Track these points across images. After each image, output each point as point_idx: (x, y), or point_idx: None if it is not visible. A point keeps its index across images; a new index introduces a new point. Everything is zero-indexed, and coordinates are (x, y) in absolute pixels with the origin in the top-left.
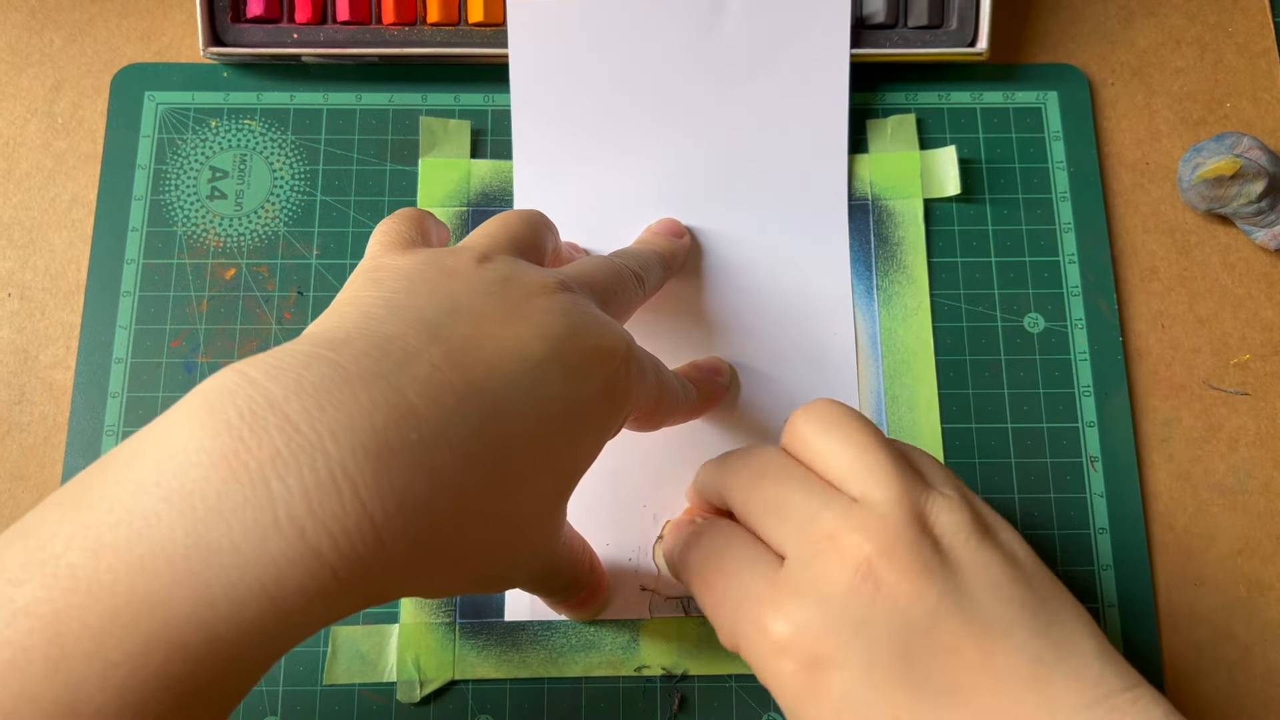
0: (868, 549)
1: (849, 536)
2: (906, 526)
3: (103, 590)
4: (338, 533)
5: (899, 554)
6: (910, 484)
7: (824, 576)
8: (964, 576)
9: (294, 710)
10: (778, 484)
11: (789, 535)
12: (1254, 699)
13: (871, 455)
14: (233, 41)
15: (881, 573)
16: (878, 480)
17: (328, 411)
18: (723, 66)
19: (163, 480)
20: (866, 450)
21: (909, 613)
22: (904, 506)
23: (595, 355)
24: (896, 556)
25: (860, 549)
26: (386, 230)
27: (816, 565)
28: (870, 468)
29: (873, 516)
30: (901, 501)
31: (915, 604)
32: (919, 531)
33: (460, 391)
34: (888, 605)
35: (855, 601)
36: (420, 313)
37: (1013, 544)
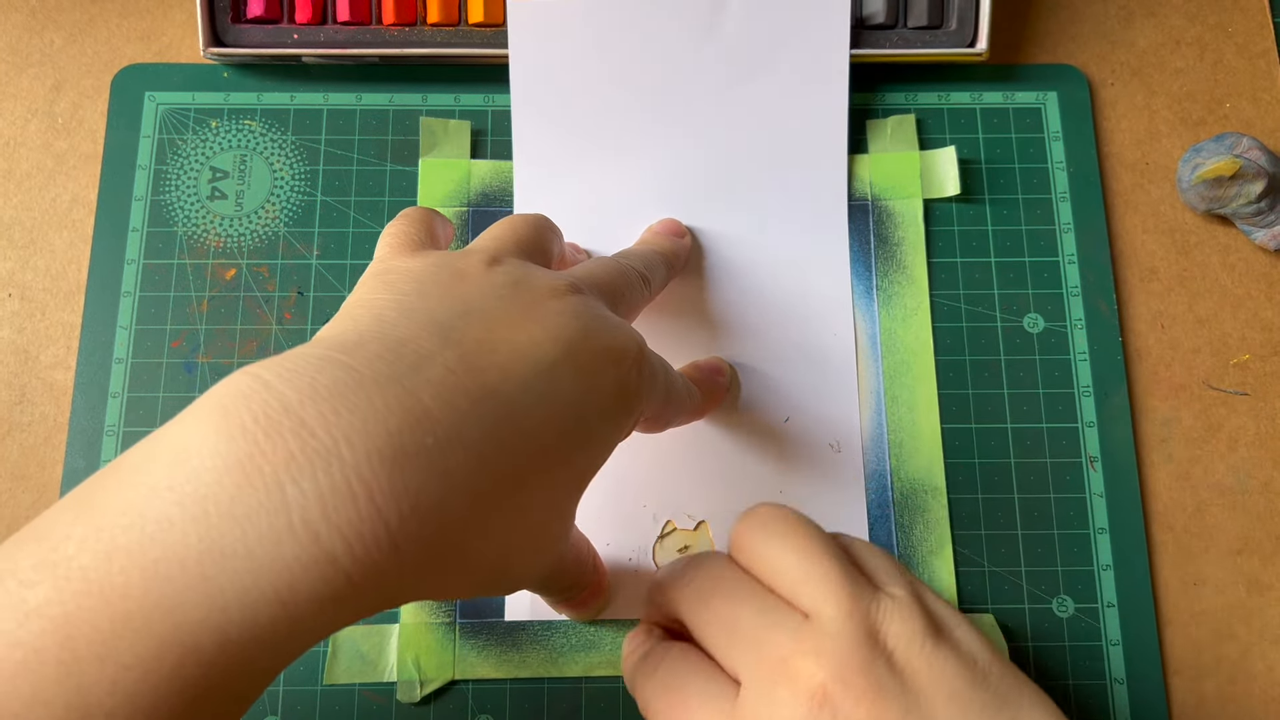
0: (821, 675)
1: (801, 662)
2: (859, 645)
3: (115, 593)
4: (352, 538)
5: (853, 678)
6: (858, 593)
7: (779, 707)
8: (920, 691)
9: (294, 710)
10: (727, 601)
11: (741, 659)
12: (1254, 699)
13: (817, 564)
14: (233, 42)
15: (837, 700)
16: (825, 593)
17: (342, 415)
18: (723, 66)
19: (176, 484)
20: (812, 558)
21: None
22: (854, 621)
23: (607, 357)
24: (851, 681)
25: (813, 676)
26: (395, 233)
27: (771, 696)
28: (817, 579)
29: (825, 637)
30: (851, 615)
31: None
32: (871, 648)
33: (474, 395)
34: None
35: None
36: (432, 315)
37: (968, 641)
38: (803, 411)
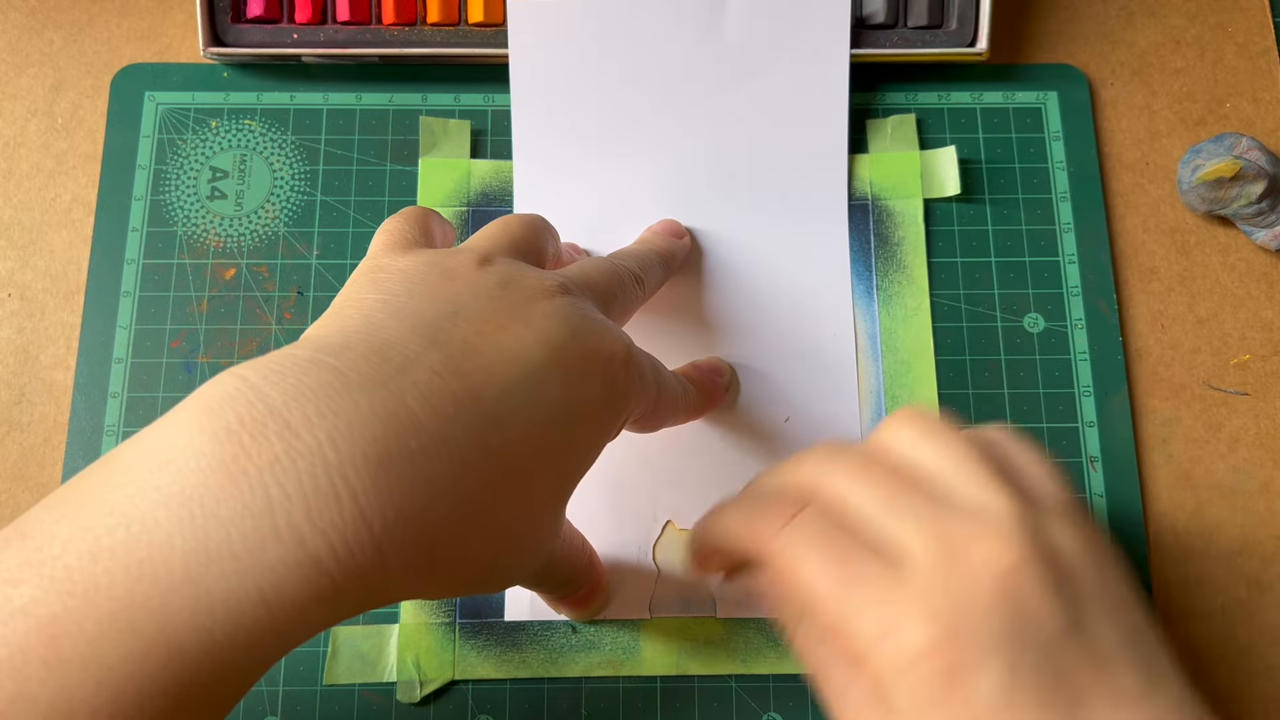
0: (1006, 560)
1: (982, 543)
2: (1035, 540)
3: (99, 594)
4: (336, 541)
5: (1034, 568)
6: (1025, 499)
7: (961, 581)
8: (1083, 599)
9: (294, 710)
10: (887, 482)
11: (909, 531)
12: (1254, 699)
13: (981, 467)
14: (233, 41)
15: (1021, 586)
16: (994, 494)
17: (327, 418)
18: (723, 66)
19: (162, 485)
20: (975, 461)
21: (1043, 628)
22: (1028, 523)
23: (594, 359)
24: (1032, 571)
25: (1001, 559)
26: (389, 230)
27: (950, 568)
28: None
29: (1001, 526)
30: (1024, 518)
31: (1049, 620)
32: (1044, 546)
33: (460, 398)
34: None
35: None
36: (421, 316)
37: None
38: (803, 411)
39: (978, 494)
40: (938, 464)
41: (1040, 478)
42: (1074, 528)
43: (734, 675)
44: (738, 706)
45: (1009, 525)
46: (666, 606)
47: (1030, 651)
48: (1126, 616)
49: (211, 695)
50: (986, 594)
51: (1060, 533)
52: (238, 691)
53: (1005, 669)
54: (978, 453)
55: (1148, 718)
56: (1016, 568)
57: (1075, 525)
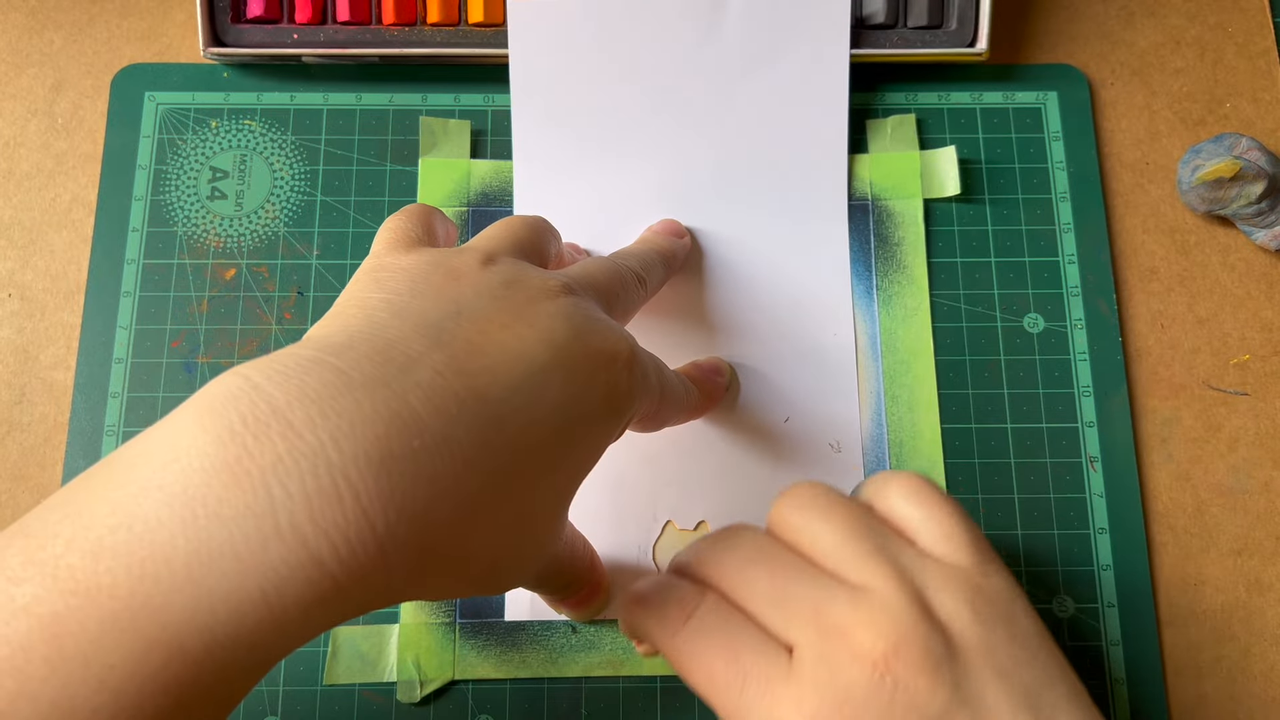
0: (882, 645)
1: (861, 631)
2: (915, 619)
3: (102, 593)
4: (339, 541)
5: (912, 650)
6: (904, 564)
7: (841, 673)
8: (970, 665)
9: (294, 710)
10: (773, 572)
11: (794, 626)
12: (1254, 699)
13: (861, 543)
14: (233, 42)
15: (898, 671)
16: (873, 569)
17: (330, 418)
18: (722, 67)
19: (165, 485)
20: (855, 536)
21: (925, 710)
22: (906, 595)
23: (598, 359)
24: (909, 653)
25: (875, 645)
26: (392, 228)
27: (831, 661)
28: (863, 555)
29: (881, 610)
30: (900, 588)
31: (930, 700)
32: (927, 623)
33: (463, 398)
34: (905, 702)
35: (876, 701)
36: (424, 316)
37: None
38: (803, 411)
39: (859, 573)
40: (824, 543)
41: (935, 533)
42: (957, 594)
43: None
44: None
45: (886, 607)
46: None
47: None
48: (1021, 677)
49: (213, 695)
50: (864, 683)
51: (944, 603)
52: (239, 692)
53: None
54: (860, 528)
55: None
56: (893, 652)
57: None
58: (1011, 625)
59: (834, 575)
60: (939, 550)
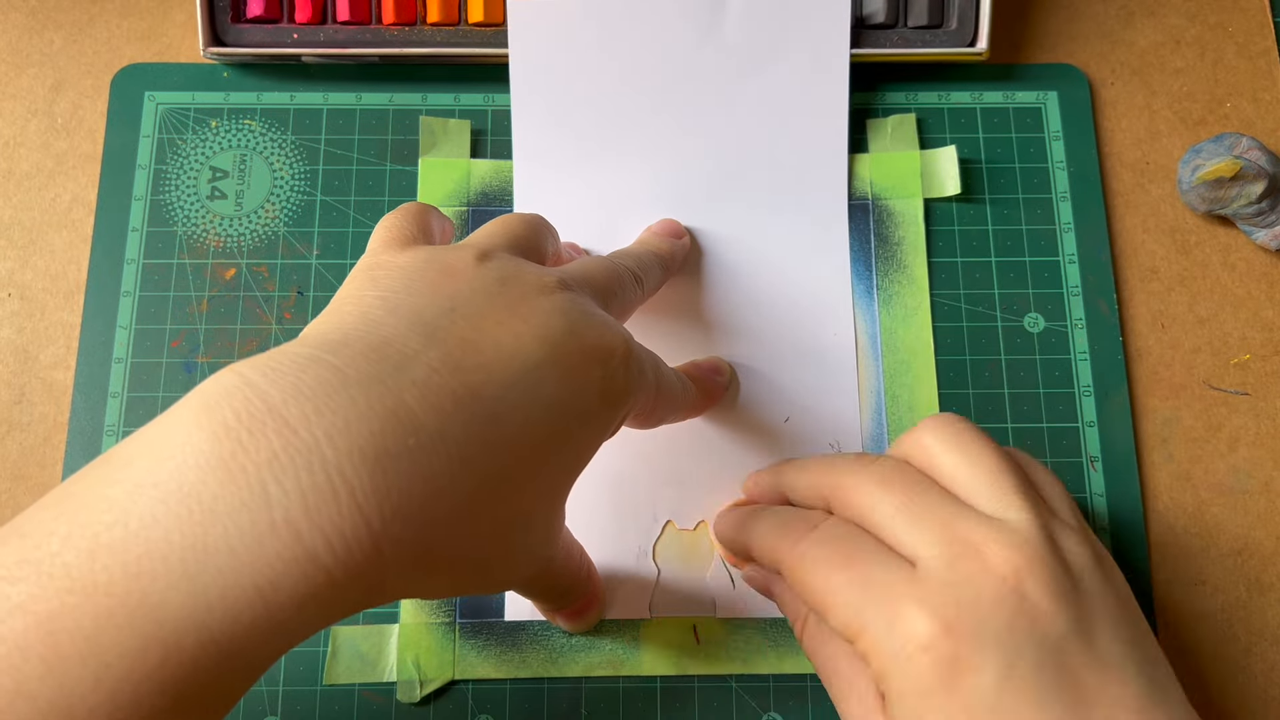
0: (1014, 563)
1: (994, 547)
2: (1048, 549)
3: (98, 591)
4: (334, 537)
5: (1042, 573)
6: (1042, 510)
7: (969, 581)
8: (1090, 606)
9: (294, 710)
10: (908, 491)
11: (924, 538)
12: (1254, 699)
13: (1005, 479)
14: (233, 41)
15: (1027, 588)
16: (1013, 503)
17: (325, 415)
18: (722, 66)
19: (160, 482)
20: (999, 473)
21: (1047, 630)
22: (1040, 527)
23: (593, 354)
24: (1040, 575)
25: (1008, 561)
26: (388, 226)
27: (960, 569)
28: (1005, 491)
29: (1015, 533)
30: (1035, 522)
31: (1053, 623)
32: (1056, 556)
33: (458, 395)
34: (1030, 620)
35: (1001, 610)
36: (419, 313)
37: (1122, 582)
38: (803, 411)
39: (997, 503)
40: (963, 472)
41: (1057, 496)
42: (1086, 542)
43: (734, 675)
44: (738, 706)
45: (1023, 533)
46: (666, 606)
47: (1031, 651)
48: (1131, 630)
49: (210, 693)
50: (992, 594)
51: (1073, 545)
52: (237, 690)
53: (1004, 665)
54: (1005, 464)
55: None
56: (1025, 571)
57: (1087, 540)
58: (1118, 585)
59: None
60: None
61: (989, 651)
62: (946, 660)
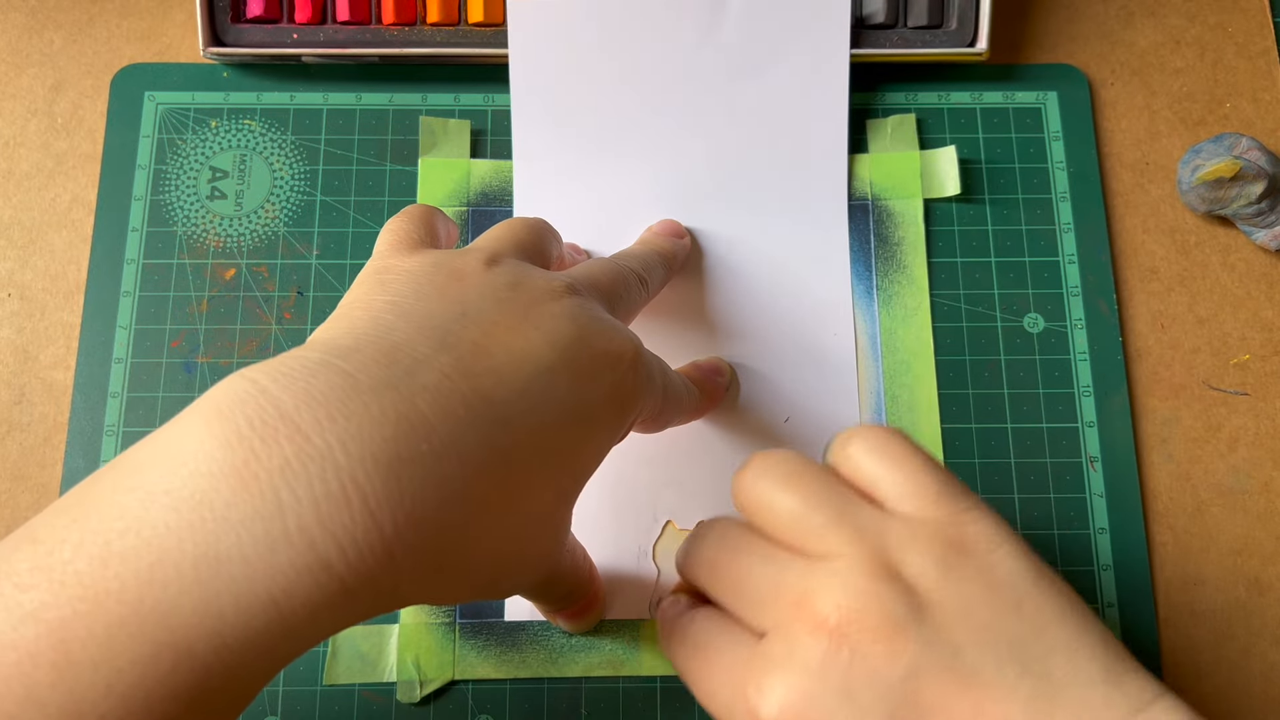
0: (835, 615)
1: (814, 603)
2: (871, 583)
3: (110, 598)
4: (347, 544)
5: (868, 616)
6: (865, 527)
7: (798, 647)
8: (942, 622)
9: (294, 710)
10: (734, 563)
11: (760, 613)
12: (1254, 699)
13: (818, 513)
14: (233, 41)
15: (854, 638)
16: (829, 534)
17: (338, 421)
18: (723, 66)
19: (172, 489)
20: (810, 502)
21: (888, 675)
22: (863, 558)
23: (603, 359)
24: (865, 619)
25: (829, 615)
26: (394, 229)
27: (790, 637)
28: (819, 527)
29: (834, 575)
30: (858, 552)
31: (892, 665)
32: (886, 582)
33: (470, 400)
34: (865, 670)
35: (834, 670)
36: (429, 318)
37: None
38: (803, 411)
39: (819, 543)
40: (783, 516)
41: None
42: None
43: None
44: None
45: (842, 574)
46: None
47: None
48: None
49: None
50: (822, 655)
51: (910, 562)
52: (247, 695)
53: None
54: (818, 495)
55: None
56: (847, 620)
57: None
58: (989, 575)
59: (796, 549)
60: (906, 506)
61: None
62: None
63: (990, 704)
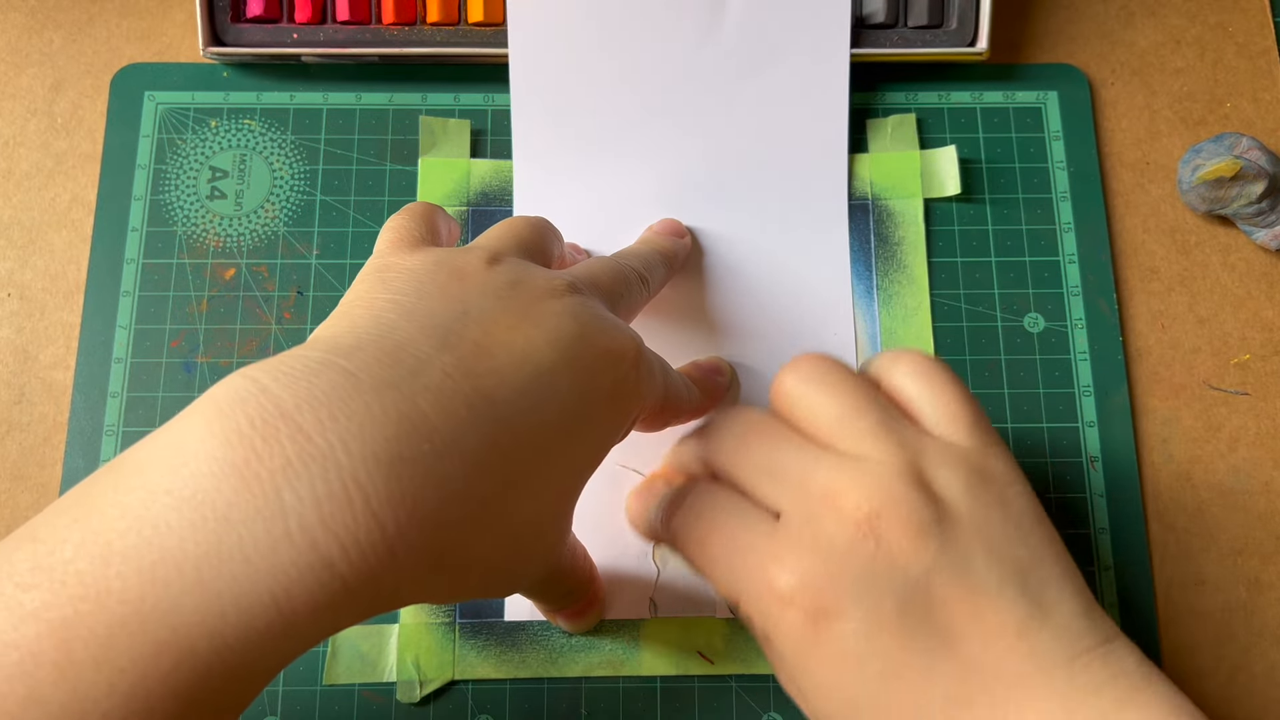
0: (866, 506)
1: (847, 494)
2: (903, 484)
3: (111, 598)
4: (349, 543)
5: (897, 512)
6: (902, 438)
7: (825, 531)
8: (960, 534)
9: (294, 710)
10: (765, 444)
11: (783, 493)
12: (1254, 699)
13: (862, 418)
14: (233, 41)
15: (881, 530)
16: (870, 442)
17: (340, 421)
18: (723, 66)
19: (174, 489)
20: (856, 412)
21: (908, 569)
22: (898, 463)
23: (605, 358)
24: (895, 515)
25: (859, 506)
26: (395, 227)
27: (816, 521)
28: (862, 430)
29: (868, 474)
30: (896, 459)
31: (913, 561)
32: (916, 488)
33: (471, 400)
34: (888, 562)
35: (857, 557)
36: (431, 317)
37: (1017, 499)
38: None
39: (856, 442)
40: (824, 415)
41: (940, 413)
42: (954, 470)
43: (734, 675)
44: (738, 706)
45: (878, 472)
46: (666, 606)
47: (894, 593)
48: (1018, 549)
49: (223, 698)
50: (847, 540)
51: (939, 476)
52: (249, 694)
53: (867, 611)
54: (864, 402)
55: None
56: (878, 513)
57: (957, 466)
58: (1005, 505)
59: (828, 446)
60: (941, 429)
61: (850, 599)
62: (811, 612)
63: (990, 613)
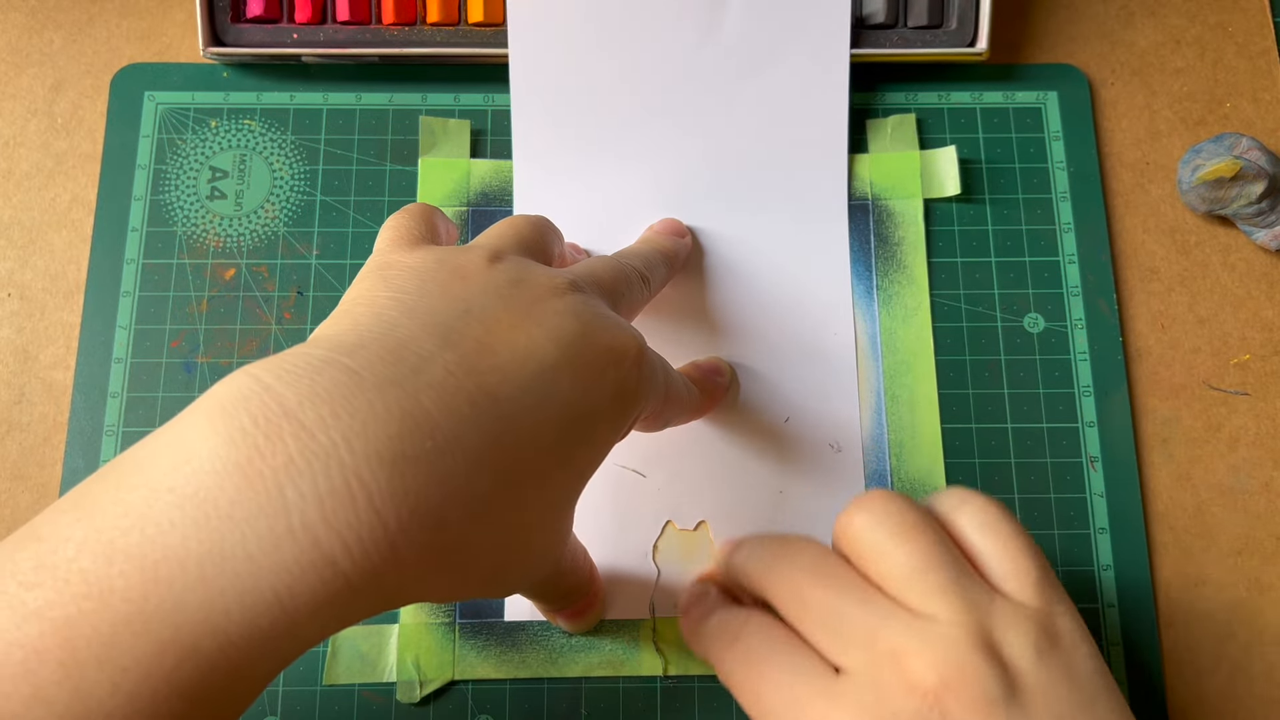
0: (933, 678)
1: (913, 660)
2: (976, 655)
3: (114, 596)
4: (352, 541)
5: (966, 686)
6: (974, 599)
7: (888, 698)
8: (1029, 706)
9: (294, 710)
10: (830, 591)
11: (847, 649)
12: (1254, 699)
13: (934, 574)
14: (233, 41)
15: (948, 703)
16: (941, 600)
17: (342, 418)
18: (723, 67)
19: (176, 486)
20: (928, 567)
21: None
22: (969, 627)
23: (607, 356)
24: (963, 689)
25: (926, 676)
26: (395, 226)
27: (880, 686)
28: (933, 587)
29: (939, 639)
30: (966, 623)
31: None
32: (985, 657)
33: (474, 398)
34: None
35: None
36: (433, 315)
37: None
38: (803, 411)
39: (927, 602)
40: (896, 566)
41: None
42: (1024, 634)
43: None
44: (738, 707)
45: (949, 637)
46: (666, 606)
47: None
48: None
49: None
50: (912, 712)
51: (1010, 641)
52: (252, 693)
53: None
54: (936, 554)
55: None
56: (947, 684)
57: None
58: (1073, 669)
59: (896, 600)
60: (1009, 586)
61: None
62: None
63: None
